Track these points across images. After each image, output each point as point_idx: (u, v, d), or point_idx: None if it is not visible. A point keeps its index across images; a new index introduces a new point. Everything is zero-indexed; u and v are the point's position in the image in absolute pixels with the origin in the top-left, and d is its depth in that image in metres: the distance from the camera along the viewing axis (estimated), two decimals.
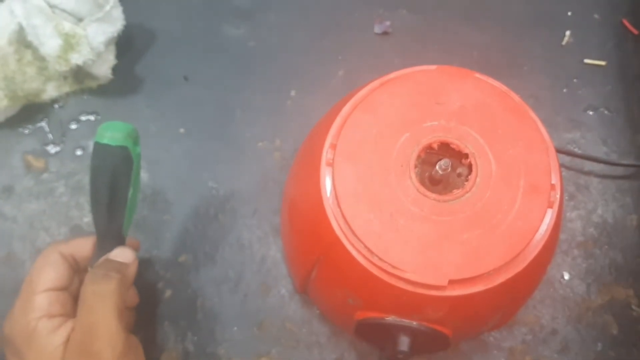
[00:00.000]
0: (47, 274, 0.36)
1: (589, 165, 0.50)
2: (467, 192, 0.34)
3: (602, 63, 0.53)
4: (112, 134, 0.35)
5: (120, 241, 0.37)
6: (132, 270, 0.37)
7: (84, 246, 0.38)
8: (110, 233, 0.37)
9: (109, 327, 0.33)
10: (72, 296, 0.37)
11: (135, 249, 0.39)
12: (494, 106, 0.37)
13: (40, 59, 0.47)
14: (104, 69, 0.49)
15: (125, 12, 0.48)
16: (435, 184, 0.36)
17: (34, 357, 0.34)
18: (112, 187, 0.35)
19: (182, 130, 0.50)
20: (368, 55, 0.53)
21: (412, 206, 0.34)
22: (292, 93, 0.52)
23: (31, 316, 0.34)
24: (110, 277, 0.34)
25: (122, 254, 0.37)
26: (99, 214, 0.36)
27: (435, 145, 0.36)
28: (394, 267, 0.32)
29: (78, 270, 0.38)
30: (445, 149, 0.36)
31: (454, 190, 0.35)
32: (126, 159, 0.36)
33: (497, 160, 0.35)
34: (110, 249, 0.37)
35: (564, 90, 0.53)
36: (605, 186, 0.49)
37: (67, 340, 0.34)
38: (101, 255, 0.37)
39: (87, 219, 0.47)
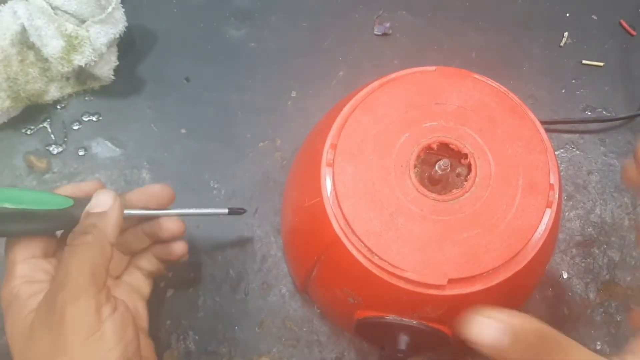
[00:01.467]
0: (22, 243, 0.34)
1: (587, 166, 0.50)
2: (466, 192, 0.35)
3: (600, 64, 0.54)
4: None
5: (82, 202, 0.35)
6: (113, 217, 0.34)
7: None
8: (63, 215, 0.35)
9: (77, 281, 0.31)
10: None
11: (98, 187, 0.36)
12: (493, 106, 0.37)
13: (42, 60, 0.47)
14: (106, 70, 0.49)
15: (127, 13, 0.49)
16: (434, 183, 0.36)
17: (9, 321, 0.33)
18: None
19: (183, 130, 0.51)
20: (368, 56, 0.54)
21: (412, 206, 0.34)
22: (293, 94, 0.52)
23: (13, 284, 0.33)
24: (86, 234, 0.33)
25: (99, 201, 0.34)
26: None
27: (434, 146, 0.36)
28: (393, 266, 0.33)
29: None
30: (445, 149, 0.36)
31: (453, 190, 0.35)
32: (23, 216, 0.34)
33: (496, 160, 0.35)
34: (85, 203, 0.35)
35: (563, 90, 0.53)
36: (603, 186, 0.49)
37: None
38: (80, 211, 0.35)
39: None
